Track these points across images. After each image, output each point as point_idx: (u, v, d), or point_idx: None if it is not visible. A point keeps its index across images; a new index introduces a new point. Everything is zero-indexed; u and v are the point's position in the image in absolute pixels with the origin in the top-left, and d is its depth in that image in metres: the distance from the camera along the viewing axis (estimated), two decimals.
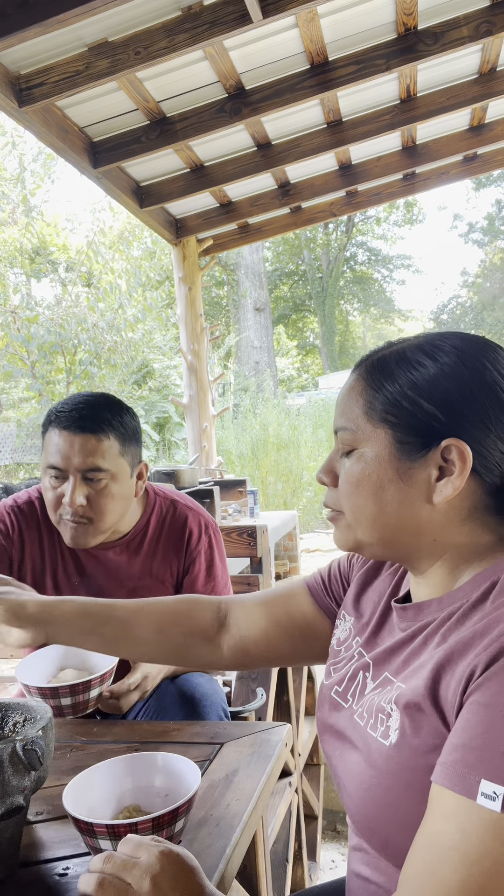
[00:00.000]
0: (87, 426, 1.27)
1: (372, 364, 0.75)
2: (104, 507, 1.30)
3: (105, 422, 1.29)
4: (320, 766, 2.16)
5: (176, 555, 1.46)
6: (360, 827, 0.72)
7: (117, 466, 1.31)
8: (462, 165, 4.68)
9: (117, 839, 0.71)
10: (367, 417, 0.73)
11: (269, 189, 4.48)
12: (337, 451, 0.78)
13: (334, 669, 0.84)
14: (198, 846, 0.80)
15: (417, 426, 0.70)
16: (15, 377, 9.38)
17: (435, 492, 0.70)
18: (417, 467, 0.70)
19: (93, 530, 1.32)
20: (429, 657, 0.68)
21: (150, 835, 0.72)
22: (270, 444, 7.76)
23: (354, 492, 0.74)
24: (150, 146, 3.38)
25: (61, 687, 1.10)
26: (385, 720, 0.70)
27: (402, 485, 0.71)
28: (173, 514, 1.48)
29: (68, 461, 1.27)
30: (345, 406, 0.76)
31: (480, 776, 0.56)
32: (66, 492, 1.28)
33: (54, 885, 0.76)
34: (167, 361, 11.87)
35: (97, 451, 1.27)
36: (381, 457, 0.72)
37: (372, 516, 0.73)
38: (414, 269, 26.65)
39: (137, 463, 1.39)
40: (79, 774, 0.83)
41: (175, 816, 0.75)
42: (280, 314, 21.86)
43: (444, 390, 0.70)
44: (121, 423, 1.32)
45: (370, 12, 2.91)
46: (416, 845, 0.59)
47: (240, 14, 2.51)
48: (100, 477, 1.28)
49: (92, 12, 2.27)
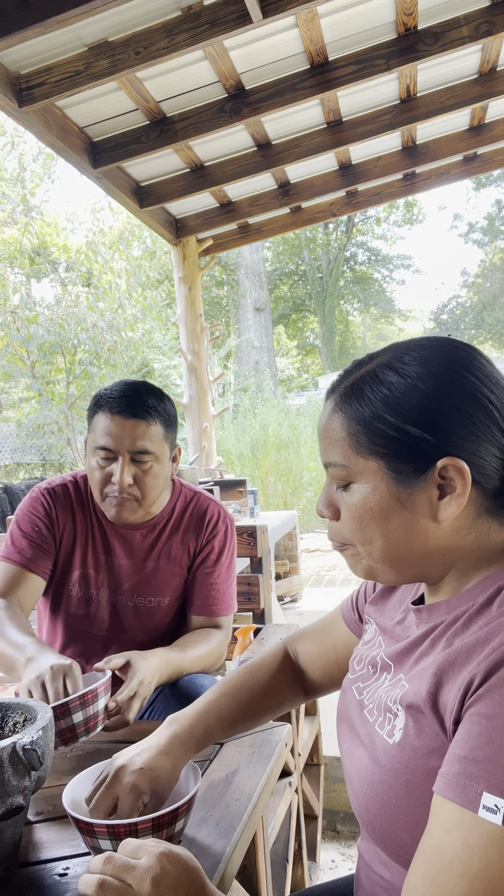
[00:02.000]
0: (137, 412, 1.37)
1: (346, 391, 0.73)
2: (149, 486, 1.40)
3: (152, 408, 1.39)
4: (320, 766, 2.16)
5: (195, 537, 1.55)
6: (364, 821, 0.72)
7: (161, 449, 1.41)
8: (462, 165, 4.68)
9: (117, 839, 0.71)
10: (356, 451, 0.71)
11: (269, 189, 4.48)
12: (331, 484, 0.76)
13: (357, 665, 0.85)
14: (198, 846, 0.80)
15: (409, 452, 0.69)
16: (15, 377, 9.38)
17: (439, 511, 0.69)
18: (418, 491, 0.69)
19: (137, 507, 1.41)
20: (433, 660, 0.68)
21: (151, 835, 0.72)
22: (270, 444, 7.76)
23: (360, 525, 0.73)
24: (150, 146, 3.39)
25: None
26: (392, 719, 0.70)
27: (406, 511, 0.70)
28: (197, 502, 1.59)
29: (120, 443, 1.36)
30: (329, 441, 0.74)
31: (482, 789, 0.55)
32: (115, 471, 1.37)
33: (54, 885, 0.76)
34: (167, 361, 11.88)
35: (146, 434, 1.37)
36: (380, 488, 0.71)
37: (381, 546, 0.72)
38: (414, 269, 26.69)
39: (174, 447, 1.49)
40: (79, 774, 0.83)
41: (175, 817, 0.75)
42: (280, 314, 21.86)
43: (425, 409, 0.68)
44: (164, 410, 1.42)
45: (370, 12, 2.91)
46: (418, 856, 0.59)
47: (240, 14, 2.51)
48: (146, 459, 1.38)
49: (92, 12, 2.27)
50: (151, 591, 1.50)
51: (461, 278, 26.49)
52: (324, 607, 4.61)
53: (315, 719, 2.17)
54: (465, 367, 0.70)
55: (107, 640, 1.50)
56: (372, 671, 0.80)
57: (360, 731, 0.76)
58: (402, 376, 0.70)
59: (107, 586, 1.50)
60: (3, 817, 0.71)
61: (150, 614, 1.51)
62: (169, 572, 1.51)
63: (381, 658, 0.80)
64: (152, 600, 1.50)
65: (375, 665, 0.80)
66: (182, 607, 1.55)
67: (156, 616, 1.51)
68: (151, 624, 1.51)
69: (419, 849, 0.60)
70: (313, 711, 2.18)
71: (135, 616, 1.50)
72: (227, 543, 1.58)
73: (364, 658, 0.84)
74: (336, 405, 0.74)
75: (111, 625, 1.50)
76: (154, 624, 1.51)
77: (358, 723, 0.78)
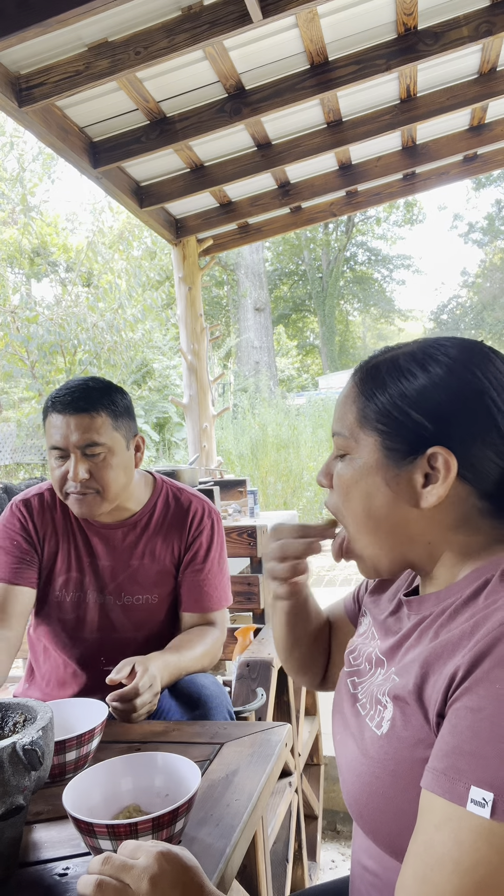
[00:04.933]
0: (80, 406, 1.39)
1: (366, 371, 0.77)
2: (106, 478, 1.41)
3: (96, 401, 1.40)
4: (320, 766, 2.16)
5: (178, 535, 1.54)
6: (354, 812, 0.74)
7: (112, 440, 1.42)
8: (462, 165, 4.68)
9: (118, 839, 0.71)
10: (360, 424, 0.75)
11: (269, 189, 4.47)
12: (333, 455, 0.81)
13: (353, 659, 0.86)
14: (198, 846, 0.80)
15: (405, 434, 0.72)
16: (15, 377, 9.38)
17: (421, 497, 0.71)
18: (404, 473, 0.72)
19: (99, 500, 1.42)
20: (420, 652, 0.69)
21: (151, 835, 0.72)
22: (270, 444, 7.76)
23: (346, 495, 0.77)
24: (150, 146, 3.38)
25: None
26: (381, 711, 0.72)
27: (389, 490, 0.73)
28: (179, 499, 1.58)
29: (67, 440, 1.39)
30: (341, 411, 0.79)
31: (470, 783, 0.56)
32: (70, 468, 1.40)
33: (54, 885, 0.76)
34: (167, 361, 11.88)
35: (91, 427, 1.39)
36: (369, 463, 0.74)
37: (363, 520, 0.76)
38: (414, 269, 26.65)
39: (133, 436, 1.50)
40: (79, 774, 0.83)
41: (175, 816, 0.75)
42: (280, 314, 21.87)
43: (432, 401, 0.71)
44: (111, 402, 1.43)
45: (370, 12, 2.91)
46: (410, 853, 0.60)
47: (240, 14, 2.51)
48: (97, 451, 1.40)
49: (92, 12, 2.27)
50: (138, 589, 1.51)
51: (461, 278, 26.49)
52: (323, 607, 4.61)
53: (315, 719, 2.17)
54: (482, 368, 0.72)
55: (99, 642, 1.50)
56: (368, 667, 0.81)
57: (352, 724, 0.78)
58: (420, 366, 0.73)
59: (94, 588, 1.50)
60: (3, 817, 0.71)
61: (139, 612, 1.50)
62: (154, 570, 1.52)
63: (375, 654, 0.81)
64: (140, 598, 1.51)
65: (371, 661, 0.81)
66: (174, 604, 1.55)
67: (146, 614, 1.51)
68: (142, 622, 1.51)
69: (410, 846, 0.60)
70: (313, 711, 2.18)
71: (124, 615, 1.50)
72: (214, 538, 1.57)
73: (361, 653, 0.85)
74: (355, 382, 0.78)
75: (101, 624, 1.50)
76: (145, 622, 1.51)
77: (349, 715, 0.79)
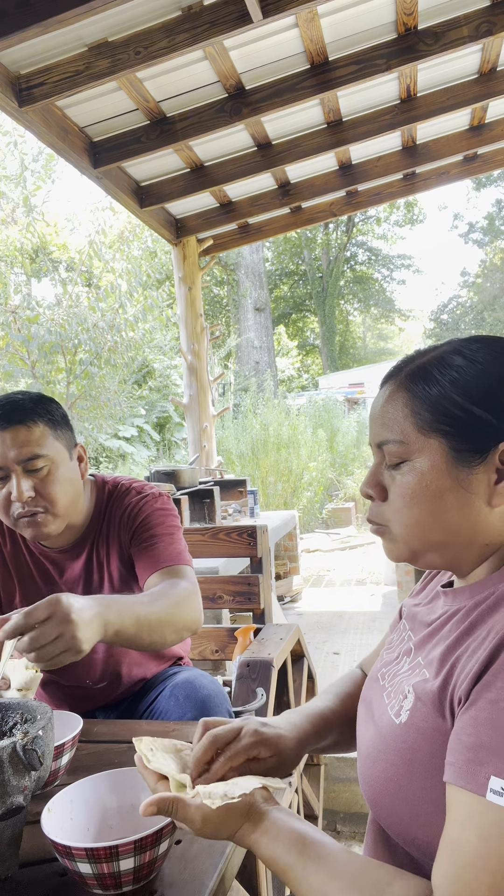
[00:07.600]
0: (14, 418, 1.27)
1: (412, 372, 0.74)
2: (53, 493, 1.30)
3: (30, 411, 1.29)
4: (320, 766, 2.16)
5: (125, 529, 1.42)
6: (368, 798, 0.74)
7: (54, 451, 1.31)
8: (462, 165, 4.69)
9: (97, 862, 0.68)
10: (417, 428, 0.72)
11: (269, 189, 4.48)
12: (381, 464, 0.77)
13: (387, 652, 0.86)
14: (198, 846, 0.80)
15: (471, 433, 0.70)
16: (15, 377, 9.37)
17: (495, 495, 0.70)
18: (476, 473, 0.70)
19: (50, 518, 1.31)
20: (448, 645, 0.69)
21: (132, 857, 0.70)
22: (270, 444, 7.76)
23: (409, 503, 0.73)
24: (150, 146, 3.39)
25: None
26: (401, 700, 0.72)
27: (463, 492, 0.71)
28: (118, 493, 1.47)
29: (5, 457, 1.27)
30: (388, 418, 0.75)
31: (490, 773, 0.56)
32: (13, 489, 1.27)
33: (54, 885, 0.76)
34: (167, 361, 11.89)
35: (30, 439, 1.27)
36: (438, 466, 0.71)
37: (426, 526, 0.73)
38: (414, 269, 26.65)
39: (74, 446, 1.38)
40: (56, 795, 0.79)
41: (159, 838, 0.71)
42: (280, 314, 21.88)
43: (493, 392, 0.70)
44: (46, 410, 1.32)
45: (370, 12, 2.91)
46: (441, 852, 0.60)
47: (240, 14, 2.52)
48: (40, 465, 1.28)
49: (92, 12, 2.27)
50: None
51: (461, 278, 26.48)
52: (323, 607, 4.62)
53: None
54: None
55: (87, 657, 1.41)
56: (398, 657, 0.82)
57: (375, 712, 0.78)
58: (471, 361, 0.72)
59: None
60: (3, 817, 0.71)
61: None
62: (116, 576, 1.42)
63: (407, 644, 0.81)
64: None
65: (401, 651, 0.82)
66: None
67: None
68: None
69: (441, 843, 0.61)
70: None
71: None
72: (153, 509, 1.43)
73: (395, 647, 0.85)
74: (399, 385, 0.75)
75: None
76: None
77: (375, 704, 0.80)
